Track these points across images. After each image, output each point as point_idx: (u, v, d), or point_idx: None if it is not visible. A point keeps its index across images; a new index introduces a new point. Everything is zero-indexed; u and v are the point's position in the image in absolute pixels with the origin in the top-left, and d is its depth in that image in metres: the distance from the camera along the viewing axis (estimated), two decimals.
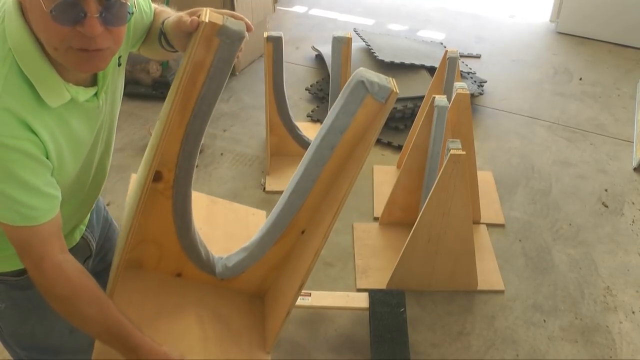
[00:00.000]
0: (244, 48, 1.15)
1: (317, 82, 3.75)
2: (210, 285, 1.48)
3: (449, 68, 2.68)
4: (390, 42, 3.87)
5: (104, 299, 1.16)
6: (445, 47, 3.95)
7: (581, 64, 4.13)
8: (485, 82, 3.80)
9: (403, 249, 2.31)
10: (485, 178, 2.97)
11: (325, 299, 2.25)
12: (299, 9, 4.87)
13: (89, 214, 1.44)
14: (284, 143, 3.01)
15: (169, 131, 1.16)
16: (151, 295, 1.40)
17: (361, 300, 2.23)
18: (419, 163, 2.48)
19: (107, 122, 1.26)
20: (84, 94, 1.12)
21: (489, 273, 2.48)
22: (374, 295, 2.23)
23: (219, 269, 1.46)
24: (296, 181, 1.31)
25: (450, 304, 2.37)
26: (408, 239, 2.29)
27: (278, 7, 4.62)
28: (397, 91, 1.15)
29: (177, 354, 1.21)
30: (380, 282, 2.40)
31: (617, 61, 4.15)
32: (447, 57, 2.68)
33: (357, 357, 2.16)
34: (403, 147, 3.04)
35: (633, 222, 2.80)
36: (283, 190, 1.37)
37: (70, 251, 1.16)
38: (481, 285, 2.42)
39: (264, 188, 2.91)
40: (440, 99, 2.33)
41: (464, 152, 2.11)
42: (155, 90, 3.55)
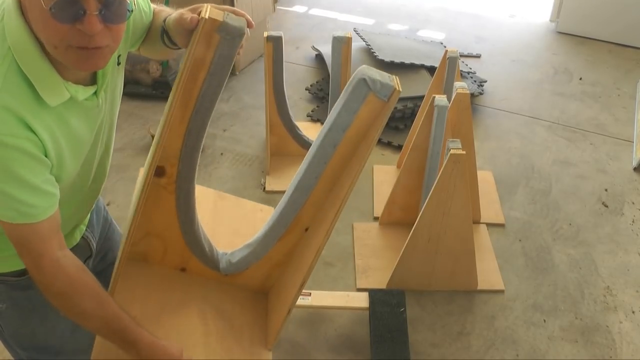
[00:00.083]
0: (245, 44, 1.15)
1: (317, 82, 3.75)
2: (214, 281, 1.48)
3: (449, 68, 2.68)
4: (390, 42, 3.87)
5: (102, 294, 1.16)
6: (445, 47, 3.95)
7: (581, 63, 4.13)
8: (485, 81, 3.80)
9: (403, 249, 2.31)
10: (485, 178, 2.96)
11: (325, 298, 2.25)
12: (299, 8, 4.87)
13: (89, 214, 1.45)
14: (284, 143, 3.01)
15: (170, 127, 1.16)
16: (155, 290, 1.41)
17: (361, 300, 2.23)
18: (419, 163, 2.47)
19: (106, 121, 1.26)
20: (84, 92, 1.12)
21: (489, 273, 2.48)
22: (374, 295, 2.23)
23: (223, 265, 1.46)
24: (299, 178, 1.31)
25: (450, 303, 2.37)
26: (408, 238, 2.29)
27: (278, 7, 4.62)
28: (400, 89, 1.15)
29: (176, 349, 1.21)
30: (380, 282, 2.40)
31: (617, 61, 4.15)
32: (447, 56, 2.68)
33: (357, 357, 2.16)
34: (403, 147, 3.04)
35: (633, 222, 2.80)
36: (283, 190, 1.37)
37: (70, 251, 1.16)
38: (481, 285, 2.42)
39: (264, 188, 2.91)
40: (440, 99, 2.33)
41: (464, 152, 2.11)
42: (155, 90, 3.55)
